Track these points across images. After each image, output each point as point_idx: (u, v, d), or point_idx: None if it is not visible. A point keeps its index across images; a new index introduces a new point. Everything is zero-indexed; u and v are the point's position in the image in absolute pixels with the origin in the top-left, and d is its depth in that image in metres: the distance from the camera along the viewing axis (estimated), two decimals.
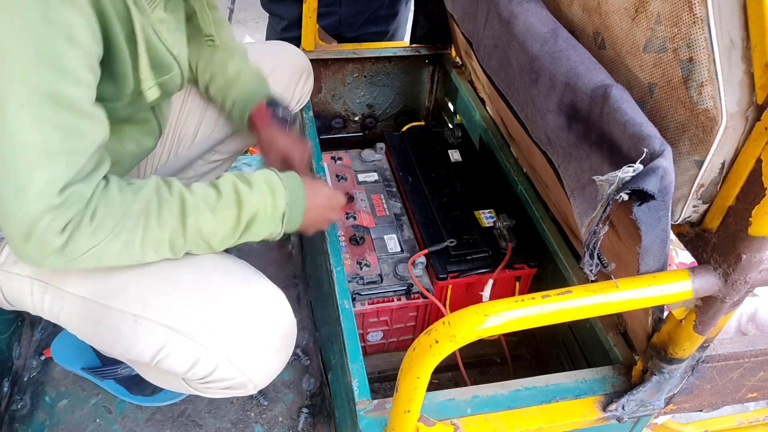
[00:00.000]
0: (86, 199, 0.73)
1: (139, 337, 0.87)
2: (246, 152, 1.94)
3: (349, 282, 1.21)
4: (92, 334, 0.92)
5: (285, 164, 1.13)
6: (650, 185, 0.59)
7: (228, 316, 0.88)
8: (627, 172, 0.60)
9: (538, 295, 0.64)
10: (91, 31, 0.70)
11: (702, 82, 0.63)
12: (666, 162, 0.60)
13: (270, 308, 0.92)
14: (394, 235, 1.33)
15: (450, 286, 1.24)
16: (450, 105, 1.74)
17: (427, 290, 1.23)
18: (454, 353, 1.07)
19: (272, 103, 1.17)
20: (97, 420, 1.31)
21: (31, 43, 0.63)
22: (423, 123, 1.81)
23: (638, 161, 0.61)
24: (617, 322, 1.00)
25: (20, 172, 0.68)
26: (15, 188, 0.68)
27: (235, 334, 0.88)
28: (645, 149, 0.63)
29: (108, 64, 0.78)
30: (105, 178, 0.78)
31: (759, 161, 0.60)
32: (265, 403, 1.36)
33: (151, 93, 0.87)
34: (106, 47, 0.76)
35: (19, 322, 1.41)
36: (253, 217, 0.87)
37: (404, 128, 1.67)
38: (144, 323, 0.86)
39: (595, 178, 0.64)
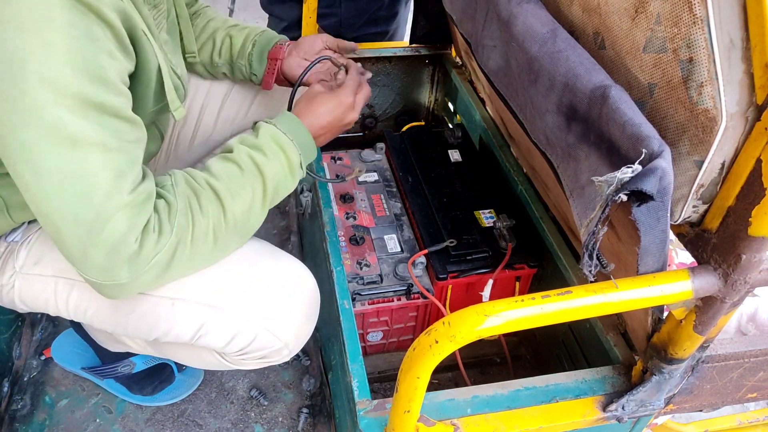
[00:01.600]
0: (153, 198, 0.76)
1: (178, 319, 0.90)
2: None
3: (349, 282, 1.21)
4: (125, 323, 0.93)
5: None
6: (649, 186, 0.59)
7: (262, 288, 0.93)
8: (626, 172, 0.60)
9: (538, 295, 0.64)
10: (125, 49, 0.73)
11: (702, 83, 0.63)
12: (665, 163, 0.60)
13: (297, 279, 0.97)
14: (394, 235, 1.33)
15: (450, 286, 1.24)
16: (450, 105, 1.74)
17: (427, 290, 1.23)
18: (454, 353, 1.07)
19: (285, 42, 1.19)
20: (97, 420, 1.31)
21: (80, 58, 0.66)
22: (423, 123, 1.81)
23: (637, 162, 0.61)
24: (617, 322, 1.00)
25: (88, 174, 0.69)
26: (84, 191, 0.70)
27: (270, 304, 0.93)
28: (644, 150, 0.63)
29: (132, 83, 0.80)
30: None
31: (759, 161, 0.60)
32: (265, 403, 1.36)
33: (179, 113, 0.89)
34: (135, 67, 0.79)
35: (19, 322, 1.41)
36: (277, 182, 0.88)
37: (404, 128, 1.67)
38: (182, 305, 0.90)
39: (594, 178, 0.64)
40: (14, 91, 0.64)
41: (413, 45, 1.68)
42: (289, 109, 1.03)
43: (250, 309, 0.92)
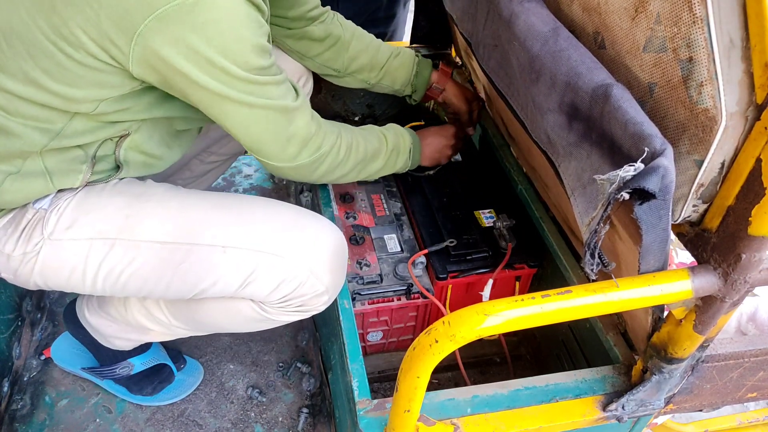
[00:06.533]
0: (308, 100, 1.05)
1: (229, 266, 0.96)
2: (246, 153, 1.93)
3: (349, 282, 1.21)
4: (170, 277, 0.96)
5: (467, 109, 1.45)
6: (651, 184, 0.59)
7: (306, 238, 1.01)
8: (628, 171, 0.60)
9: (538, 295, 0.64)
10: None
11: (702, 82, 0.63)
12: (667, 161, 0.60)
13: (332, 232, 1.05)
14: (394, 235, 1.33)
15: (450, 286, 1.24)
16: None
17: (427, 290, 1.23)
18: (454, 353, 1.07)
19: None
20: (97, 420, 1.31)
21: (258, 44, 0.87)
22: (423, 123, 1.80)
23: (639, 160, 0.61)
24: (617, 322, 1.00)
25: (273, 98, 0.92)
26: (275, 105, 0.93)
27: (315, 252, 1.00)
28: (646, 148, 0.63)
29: None
30: None
31: (759, 161, 0.60)
32: (266, 403, 1.36)
33: None
34: None
35: (19, 322, 1.41)
36: (392, 149, 1.21)
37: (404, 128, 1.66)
38: (233, 252, 0.96)
39: (596, 177, 0.64)
40: (223, 66, 0.84)
41: (413, 45, 1.68)
42: None
43: (299, 254, 0.98)
